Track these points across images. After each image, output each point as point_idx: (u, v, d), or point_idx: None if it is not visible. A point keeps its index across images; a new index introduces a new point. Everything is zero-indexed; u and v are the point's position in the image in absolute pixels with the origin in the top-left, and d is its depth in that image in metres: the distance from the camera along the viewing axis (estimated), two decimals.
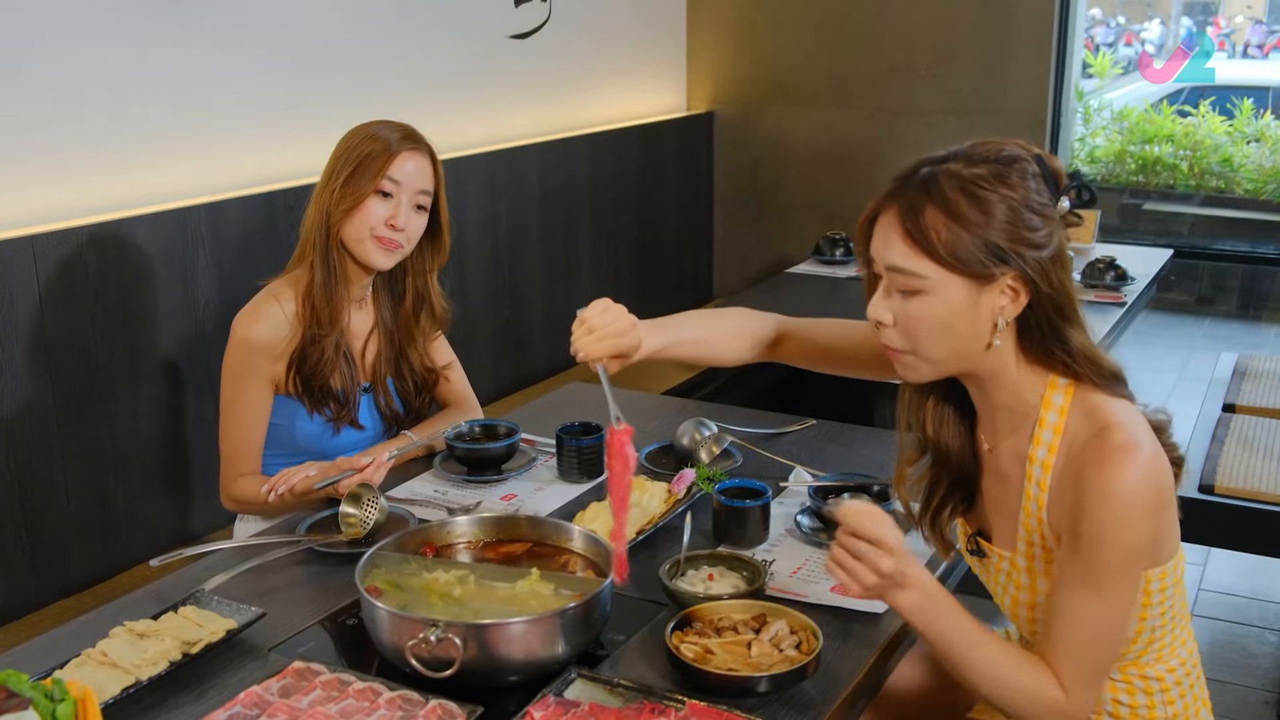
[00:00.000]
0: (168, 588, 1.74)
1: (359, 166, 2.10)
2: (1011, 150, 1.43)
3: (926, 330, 1.42)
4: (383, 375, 2.26)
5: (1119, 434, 1.38)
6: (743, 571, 1.67)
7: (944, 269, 1.39)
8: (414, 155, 2.14)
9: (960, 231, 1.38)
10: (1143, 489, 1.37)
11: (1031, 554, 1.51)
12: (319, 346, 2.13)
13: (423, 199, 2.16)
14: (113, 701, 1.40)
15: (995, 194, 1.38)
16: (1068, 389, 1.46)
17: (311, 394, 2.16)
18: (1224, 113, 6.64)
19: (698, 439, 2.14)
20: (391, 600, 1.53)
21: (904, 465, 1.62)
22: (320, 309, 2.14)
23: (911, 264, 1.40)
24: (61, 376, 2.46)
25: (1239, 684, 3.01)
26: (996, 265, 1.38)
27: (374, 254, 2.13)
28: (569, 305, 4.13)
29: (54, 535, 2.49)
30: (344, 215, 2.11)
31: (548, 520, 1.72)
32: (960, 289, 1.40)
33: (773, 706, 1.41)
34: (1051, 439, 1.45)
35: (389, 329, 2.27)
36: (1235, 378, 3.57)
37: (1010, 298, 1.41)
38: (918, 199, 1.41)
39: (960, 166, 1.41)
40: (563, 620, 1.43)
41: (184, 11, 2.73)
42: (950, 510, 1.60)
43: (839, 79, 4.59)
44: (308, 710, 1.38)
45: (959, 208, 1.38)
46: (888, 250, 1.43)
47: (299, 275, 2.17)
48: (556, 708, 1.40)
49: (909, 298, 1.42)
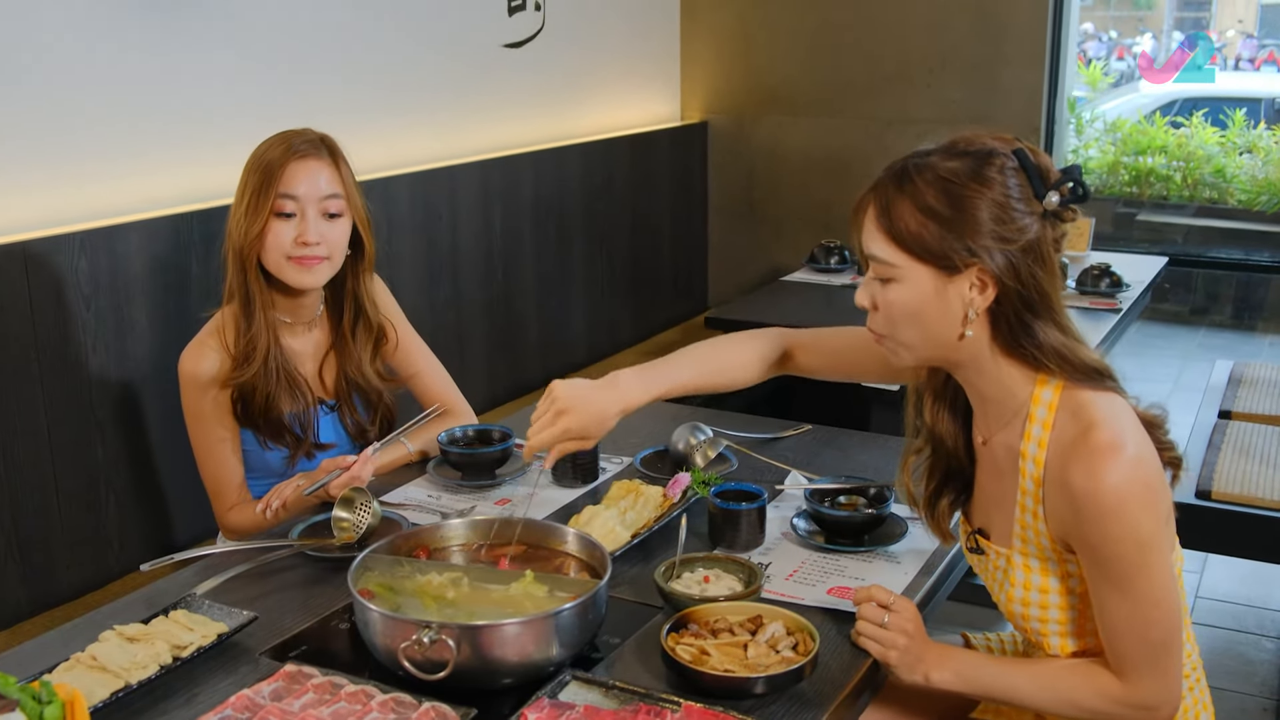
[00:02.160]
0: (159, 593, 1.72)
1: (255, 190, 2.03)
2: (991, 145, 1.46)
3: (899, 316, 1.48)
4: (346, 393, 2.21)
5: (1101, 434, 1.39)
6: (739, 574, 1.65)
7: (911, 258, 1.44)
8: (305, 162, 2.04)
9: (927, 223, 1.42)
10: (1130, 485, 1.38)
11: (1027, 551, 1.51)
12: (248, 383, 2.07)
13: (331, 204, 2.06)
14: (102, 705, 1.39)
15: (966, 189, 1.42)
16: (1057, 386, 1.46)
17: (263, 426, 2.11)
18: (1216, 124, 6.66)
19: (693, 443, 2.13)
20: (384, 603, 1.52)
21: (908, 454, 1.66)
22: (239, 345, 2.07)
23: (884, 252, 1.46)
24: (52, 384, 2.44)
25: (1237, 691, 3.00)
26: (961, 257, 1.41)
27: (296, 275, 2.06)
28: (563, 314, 4.14)
29: (43, 544, 2.46)
30: (254, 243, 2.04)
31: (542, 523, 1.71)
32: (928, 278, 1.44)
33: (770, 708, 1.40)
34: (1042, 434, 1.46)
35: (335, 346, 2.21)
36: (1231, 384, 3.56)
37: (979, 289, 1.44)
38: (894, 190, 1.46)
39: (938, 160, 1.45)
40: (557, 622, 1.42)
41: (178, 18, 2.72)
42: (950, 501, 1.63)
43: (833, 89, 4.60)
44: (299, 714, 1.36)
45: (927, 200, 1.42)
46: (867, 238, 1.49)
47: (230, 307, 2.11)
48: (551, 710, 1.38)
49: (886, 285, 1.48)
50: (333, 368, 2.21)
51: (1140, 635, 1.42)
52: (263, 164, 2.05)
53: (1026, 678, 1.50)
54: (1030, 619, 1.53)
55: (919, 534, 1.84)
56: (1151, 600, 1.41)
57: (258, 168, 2.05)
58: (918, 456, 1.65)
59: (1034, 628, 1.54)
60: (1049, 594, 1.51)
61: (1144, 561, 1.40)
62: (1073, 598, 1.50)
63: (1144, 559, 1.40)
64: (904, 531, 1.83)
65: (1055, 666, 1.51)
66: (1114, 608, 1.42)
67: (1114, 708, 1.46)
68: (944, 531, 1.66)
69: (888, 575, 1.73)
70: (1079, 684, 1.48)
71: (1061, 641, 1.52)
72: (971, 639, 1.81)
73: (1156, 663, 1.44)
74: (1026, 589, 1.52)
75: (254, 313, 2.07)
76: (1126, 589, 1.40)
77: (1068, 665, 1.51)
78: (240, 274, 2.07)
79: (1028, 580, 1.52)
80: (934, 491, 1.64)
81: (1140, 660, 1.43)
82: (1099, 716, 1.47)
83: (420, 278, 3.46)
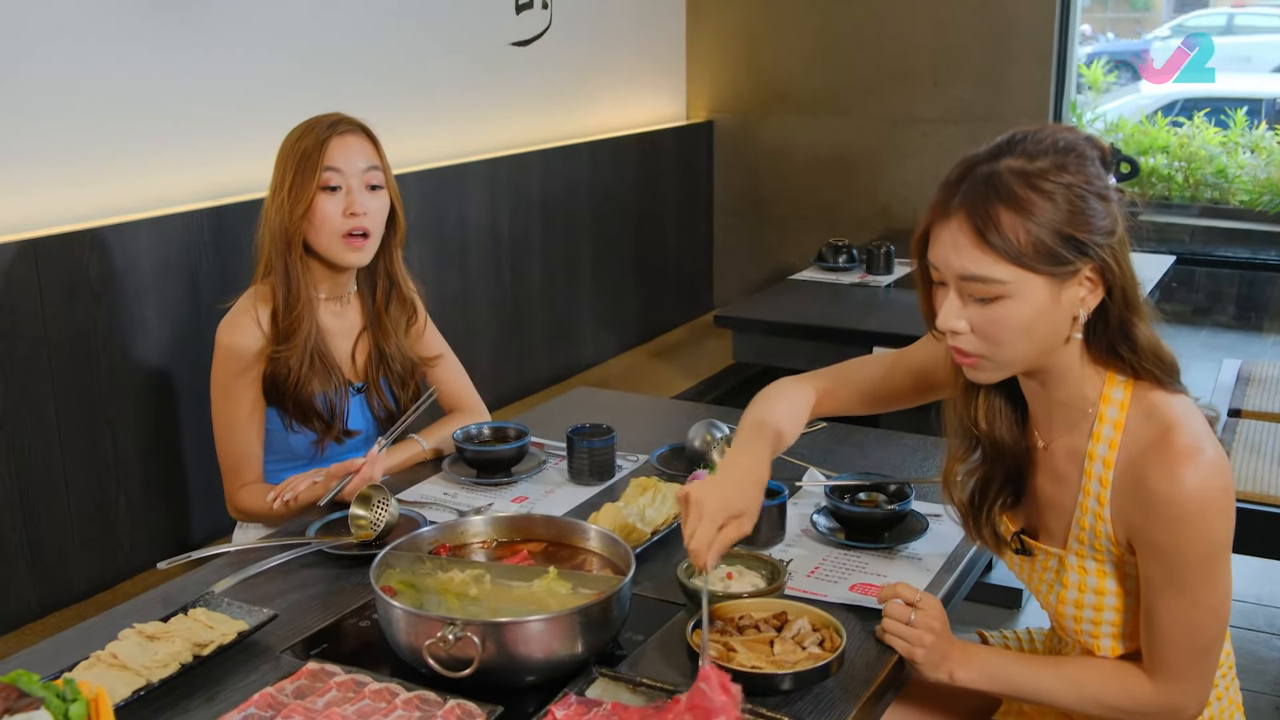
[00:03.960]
0: (175, 591, 1.71)
1: (299, 167, 2.05)
2: (1065, 137, 1.38)
3: (1010, 333, 1.37)
4: (375, 375, 2.21)
5: (1182, 436, 1.36)
6: (761, 570, 1.64)
7: (1023, 270, 1.34)
8: (345, 137, 2.08)
9: (1035, 228, 1.32)
10: (1211, 491, 1.35)
11: (1083, 553, 1.49)
12: (283, 363, 2.08)
13: (373, 176, 2.10)
14: (123, 704, 1.37)
15: (1061, 184, 1.33)
16: (1126, 385, 1.43)
17: (292, 409, 2.11)
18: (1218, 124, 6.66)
19: (709, 440, 2.12)
20: (407, 600, 1.51)
21: (953, 463, 1.59)
22: (280, 324, 2.08)
23: (988, 270, 1.34)
24: (63, 381, 2.43)
25: (1247, 689, 2.99)
26: (1076, 258, 1.35)
27: (347, 255, 2.09)
28: (571, 312, 4.13)
29: (54, 543, 2.45)
30: (300, 221, 2.06)
31: (563, 520, 1.70)
32: (1042, 288, 1.35)
33: (796, 704, 1.39)
34: (1113, 435, 1.43)
35: (371, 324, 2.22)
36: (1240, 383, 3.56)
37: (1089, 288, 1.38)
38: (985, 200, 1.34)
39: (1021, 162, 1.35)
40: (581, 618, 1.41)
41: (189, 18, 2.71)
42: (1000, 504, 1.58)
43: (838, 87, 4.59)
44: (323, 711, 1.35)
45: (1031, 204, 1.32)
46: (959, 258, 1.36)
47: (265, 286, 2.12)
48: (579, 707, 1.37)
49: (988, 304, 1.37)
50: (365, 347, 2.22)
51: (1187, 639, 1.40)
52: (303, 145, 2.07)
53: (1053, 675, 1.49)
54: (1083, 620, 1.51)
55: (940, 531, 1.83)
56: (1208, 605, 1.39)
57: (297, 150, 2.07)
58: (963, 464, 1.59)
59: (1086, 629, 1.51)
60: (1105, 595, 1.48)
61: (1211, 567, 1.38)
62: (1129, 599, 1.47)
63: (1211, 564, 1.38)
64: (925, 528, 1.82)
65: (1082, 665, 1.50)
66: (1168, 609, 1.39)
67: (1142, 708, 1.44)
68: (999, 539, 1.59)
69: (910, 572, 1.72)
70: (1106, 683, 1.46)
71: (1113, 644, 1.49)
72: (989, 637, 1.80)
73: (1194, 667, 1.42)
74: (1081, 590, 1.50)
75: (297, 294, 2.09)
76: (1187, 592, 1.38)
77: (1095, 664, 1.49)
78: (283, 258, 2.08)
79: (1082, 582, 1.49)
80: (990, 498, 1.57)
81: (1180, 663, 1.41)
82: (1125, 716, 1.46)
83: (428, 275, 3.44)
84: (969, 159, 1.40)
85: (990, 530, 1.59)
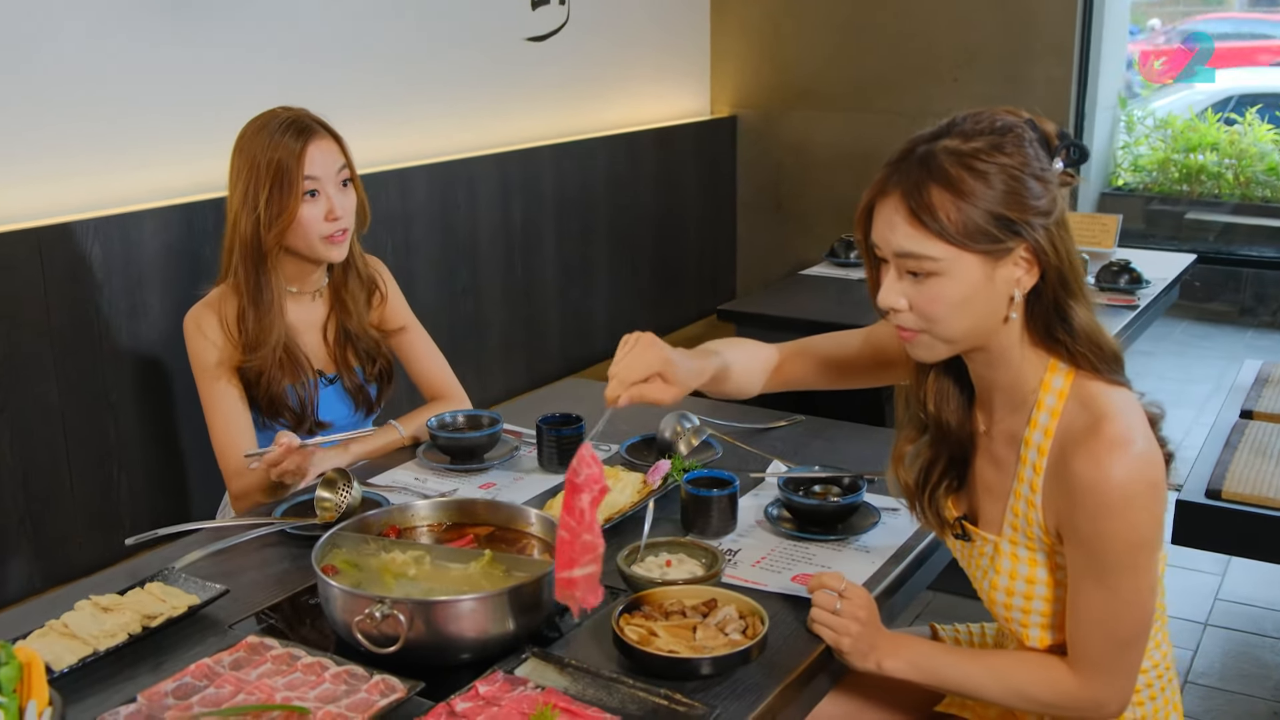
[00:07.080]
0: (142, 566, 1.78)
1: (275, 180, 2.06)
2: (1004, 119, 1.40)
3: (944, 310, 1.40)
4: (343, 356, 2.25)
5: (1113, 426, 1.37)
6: (701, 559, 1.67)
7: (955, 248, 1.37)
8: (318, 143, 2.10)
9: (967, 207, 1.35)
10: (1137, 484, 1.36)
11: (1016, 539, 1.50)
12: (254, 368, 2.12)
13: (345, 174, 2.15)
14: (68, 670, 1.44)
15: (996, 165, 1.35)
16: (1067, 374, 1.44)
17: (264, 406, 2.16)
18: (1272, 121, 6.52)
19: (678, 431, 2.14)
20: (347, 579, 1.55)
21: (902, 444, 1.62)
22: (250, 332, 2.11)
23: (921, 246, 1.38)
24: (66, 366, 2.52)
25: (1249, 694, 2.95)
26: (1009, 238, 1.37)
27: (330, 252, 2.14)
28: (585, 307, 4.17)
29: (56, 523, 2.54)
30: (282, 232, 2.09)
31: (507, 505, 1.74)
32: (975, 266, 1.38)
33: (715, 689, 1.41)
34: (1048, 423, 1.44)
35: (335, 304, 2.26)
36: (1257, 384, 3.50)
37: (1025, 269, 1.40)
38: (920, 179, 1.37)
39: (957, 142, 1.38)
40: (510, 599, 1.45)
41: (194, 9, 2.78)
42: (945, 488, 1.59)
43: (861, 83, 4.58)
44: (255, 682, 1.40)
45: (963, 183, 1.35)
46: (894, 235, 1.40)
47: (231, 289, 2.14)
48: (504, 684, 1.41)
49: (922, 280, 1.40)
50: (333, 328, 2.25)
51: (1109, 631, 1.41)
52: (275, 156, 2.06)
53: (979, 668, 1.50)
54: (1013, 608, 1.52)
55: (891, 524, 1.84)
56: (1129, 599, 1.40)
57: (268, 161, 2.06)
58: (911, 448, 1.61)
59: (1015, 618, 1.52)
60: (1035, 584, 1.49)
61: (1133, 560, 1.38)
62: (1059, 590, 1.48)
63: (1134, 558, 1.38)
64: (876, 521, 1.83)
65: (1008, 657, 1.51)
66: (1090, 600, 1.41)
67: (1064, 701, 1.45)
68: (942, 521, 1.61)
69: (856, 564, 1.74)
70: (1030, 675, 1.47)
71: (1041, 634, 1.51)
72: (940, 630, 1.81)
73: (1117, 661, 1.43)
74: (1012, 578, 1.51)
75: (269, 303, 2.12)
76: (1108, 584, 1.39)
77: (1020, 656, 1.50)
78: (255, 269, 2.10)
79: (1014, 569, 1.51)
80: (934, 481, 1.59)
81: (1102, 656, 1.42)
82: (1048, 709, 1.47)
83: (439, 268, 3.50)
84: (912, 139, 1.43)
85: (934, 513, 1.61)
